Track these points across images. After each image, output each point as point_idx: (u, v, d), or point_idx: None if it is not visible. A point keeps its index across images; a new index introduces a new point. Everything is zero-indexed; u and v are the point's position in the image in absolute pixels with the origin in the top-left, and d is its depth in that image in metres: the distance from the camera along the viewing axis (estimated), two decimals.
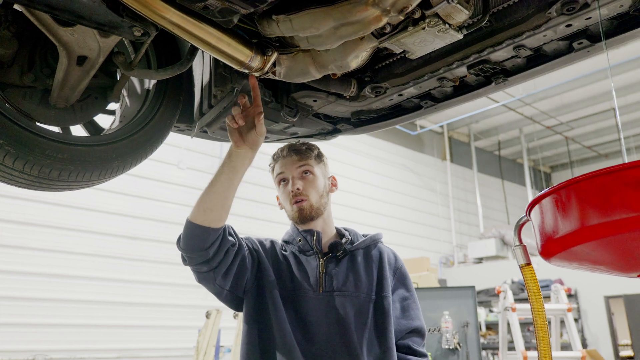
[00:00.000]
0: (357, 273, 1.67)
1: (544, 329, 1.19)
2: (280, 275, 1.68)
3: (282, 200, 1.80)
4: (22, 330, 6.52)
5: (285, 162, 1.78)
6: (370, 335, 1.58)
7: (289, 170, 1.77)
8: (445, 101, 1.90)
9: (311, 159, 1.79)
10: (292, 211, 1.75)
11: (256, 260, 1.69)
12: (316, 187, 1.76)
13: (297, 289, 1.63)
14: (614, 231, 0.96)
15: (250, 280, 1.66)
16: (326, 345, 1.56)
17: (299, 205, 1.73)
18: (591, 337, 9.62)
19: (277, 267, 1.70)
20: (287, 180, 1.76)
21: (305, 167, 1.77)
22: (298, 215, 1.73)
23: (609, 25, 1.45)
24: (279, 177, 1.80)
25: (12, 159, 1.42)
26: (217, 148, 9.04)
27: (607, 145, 15.11)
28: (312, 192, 1.75)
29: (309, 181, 1.76)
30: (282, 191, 1.79)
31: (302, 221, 1.75)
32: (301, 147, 1.80)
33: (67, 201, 7.08)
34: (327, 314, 1.59)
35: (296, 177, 1.75)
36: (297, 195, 1.73)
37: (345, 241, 1.76)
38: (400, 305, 1.71)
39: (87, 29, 1.40)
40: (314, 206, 1.74)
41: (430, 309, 4.95)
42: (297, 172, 1.76)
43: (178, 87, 1.87)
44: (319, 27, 1.36)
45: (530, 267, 1.24)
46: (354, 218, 9.97)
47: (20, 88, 1.59)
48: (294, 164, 1.77)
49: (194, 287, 8.07)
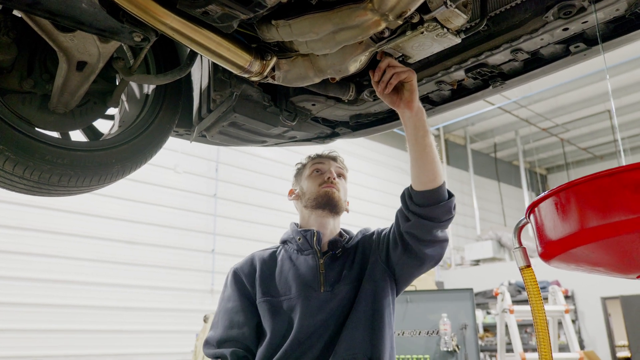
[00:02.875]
0: (351, 268, 1.69)
1: (544, 331, 1.20)
2: (276, 284, 1.69)
3: (310, 185, 1.82)
4: (20, 336, 6.49)
5: (327, 160, 1.87)
6: (365, 323, 1.58)
7: (328, 164, 1.85)
8: (443, 104, 1.91)
9: (346, 171, 1.91)
10: (319, 191, 1.78)
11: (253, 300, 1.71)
12: (344, 190, 1.86)
13: (298, 293, 1.63)
14: (613, 233, 0.97)
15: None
16: (329, 342, 1.56)
17: (331, 188, 1.78)
18: (588, 339, 9.63)
19: (269, 279, 1.71)
20: (324, 171, 1.83)
21: (342, 172, 1.88)
22: (325, 195, 1.77)
23: (605, 28, 1.46)
24: (316, 166, 1.85)
25: (12, 164, 1.43)
26: (214, 152, 9.04)
27: (603, 147, 15.17)
28: (342, 191, 1.83)
29: (342, 182, 1.86)
30: (314, 177, 1.83)
31: (325, 203, 1.76)
32: (342, 159, 1.92)
33: (64, 206, 7.06)
34: (329, 311, 1.59)
35: (334, 172, 1.83)
36: (332, 183, 1.79)
37: (344, 239, 1.79)
38: (383, 233, 1.75)
39: (87, 34, 1.40)
40: (340, 199, 1.80)
41: (429, 311, 4.95)
42: (335, 170, 1.85)
43: (177, 91, 1.88)
44: (318, 31, 1.37)
45: (530, 269, 1.25)
46: (352, 221, 9.89)
47: (19, 94, 1.60)
48: (334, 163, 1.87)
49: (191, 292, 8.11)
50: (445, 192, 1.56)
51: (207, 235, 8.59)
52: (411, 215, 1.56)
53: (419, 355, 4.69)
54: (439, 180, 1.54)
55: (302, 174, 1.88)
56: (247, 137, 2.05)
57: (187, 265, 8.22)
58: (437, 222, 1.55)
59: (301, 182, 1.87)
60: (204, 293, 8.32)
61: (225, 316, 1.68)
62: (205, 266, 8.45)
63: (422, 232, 1.57)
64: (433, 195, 1.53)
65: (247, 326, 1.64)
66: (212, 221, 8.69)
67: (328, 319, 1.59)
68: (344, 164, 1.91)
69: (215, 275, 8.44)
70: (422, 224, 1.55)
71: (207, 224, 8.63)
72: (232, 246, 8.78)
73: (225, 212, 8.92)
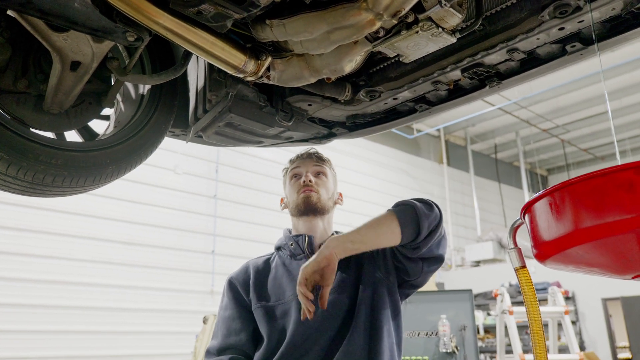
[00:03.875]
0: (346, 271, 1.65)
1: (539, 331, 1.19)
2: (271, 290, 1.68)
3: (290, 193, 1.79)
4: (18, 338, 6.48)
5: (303, 161, 1.81)
6: (364, 332, 1.56)
7: (304, 166, 1.79)
8: (439, 104, 1.91)
9: (327, 166, 1.83)
10: (297, 200, 1.74)
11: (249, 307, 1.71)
12: (327, 187, 1.78)
13: (292, 297, 1.62)
14: (607, 233, 0.96)
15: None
16: (326, 348, 1.55)
17: (307, 193, 1.73)
18: (589, 340, 9.61)
19: (263, 286, 1.70)
20: (300, 175, 1.78)
21: (320, 169, 1.80)
22: (303, 201, 1.72)
23: (601, 28, 1.46)
24: (293, 172, 1.80)
25: (5, 165, 1.42)
26: (214, 153, 9.04)
27: (604, 147, 15.15)
28: (322, 190, 1.76)
29: (322, 181, 1.78)
30: (293, 184, 1.78)
31: (305, 209, 1.72)
32: (320, 154, 1.85)
33: (62, 207, 7.05)
34: (323, 315, 1.56)
35: (310, 173, 1.77)
36: (308, 186, 1.74)
37: None
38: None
39: (81, 34, 1.39)
40: (321, 200, 1.74)
41: (428, 312, 4.94)
42: (312, 170, 1.79)
43: (172, 91, 1.87)
44: (312, 31, 1.36)
45: (525, 269, 1.24)
46: (351, 222, 9.89)
47: (13, 94, 1.59)
48: (311, 163, 1.80)
49: (191, 293, 8.10)
50: (417, 215, 1.51)
51: (207, 236, 8.58)
52: (414, 254, 1.57)
53: (417, 357, 4.67)
54: (400, 228, 1.50)
55: (285, 182, 1.85)
56: (244, 137, 2.05)
57: (187, 267, 8.21)
58: (435, 234, 1.54)
59: (285, 189, 1.84)
60: (203, 294, 8.31)
61: (223, 325, 1.70)
62: (205, 267, 8.44)
63: (431, 249, 1.57)
64: (416, 236, 1.51)
65: (244, 332, 1.65)
66: (212, 222, 8.68)
67: (322, 323, 1.56)
68: (323, 158, 1.84)
69: (215, 276, 8.43)
70: (428, 249, 1.56)
71: (207, 225, 8.62)
72: (232, 247, 8.77)
73: (225, 213, 8.91)
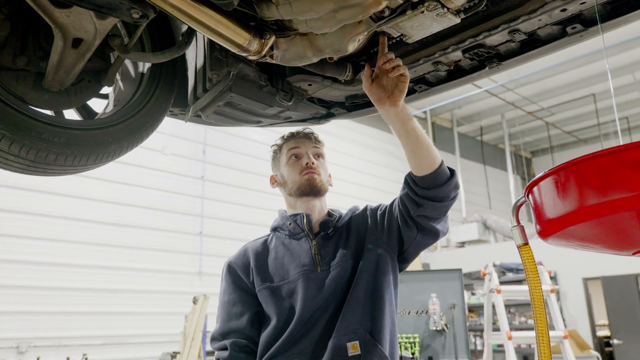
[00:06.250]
0: (346, 245, 1.71)
1: (540, 307, 1.23)
2: (273, 271, 1.71)
3: (289, 173, 1.81)
4: (5, 319, 6.45)
5: (302, 141, 1.84)
6: (365, 300, 1.62)
7: (304, 147, 1.83)
8: (439, 85, 1.92)
9: (323, 148, 1.89)
10: (300, 181, 1.77)
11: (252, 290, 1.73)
12: (325, 169, 1.85)
13: (296, 276, 1.66)
14: (611, 210, 0.99)
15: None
16: (331, 320, 1.60)
17: (311, 175, 1.77)
18: (570, 318, 9.85)
19: (264, 268, 1.73)
20: (301, 156, 1.81)
21: (319, 151, 1.86)
22: (308, 183, 1.76)
23: (602, 9, 1.48)
24: (292, 152, 1.82)
25: (8, 142, 1.41)
26: (202, 134, 8.97)
27: (587, 130, 15.34)
28: (322, 172, 1.82)
29: (321, 162, 1.84)
30: (293, 164, 1.81)
31: (310, 191, 1.77)
32: (316, 135, 1.89)
33: (50, 188, 6.98)
34: (329, 289, 1.62)
35: (312, 154, 1.82)
36: (312, 168, 1.78)
37: (334, 218, 1.81)
38: (379, 212, 1.77)
39: (84, 10, 1.38)
40: (323, 182, 1.80)
41: (418, 291, 5.03)
42: (312, 151, 1.83)
43: (173, 70, 1.86)
44: (318, 10, 1.36)
45: (527, 247, 1.27)
46: (339, 204, 9.91)
47: (13, 71, 1.57)
48: (310, 144, 1.84)
49: (180, 274, 8.11)
50: (447, 169, 1.58)
51: (195, 217, 8.57)
52: (422, 200, 1.58)
53: (408, 335, 4.77)
54: (439, 159, 1.56)
55: (280, 160, 1.87)
56: (243, 117, 2.04)
57: (175, 248, 8.20)
58: (448, 200, 1.59)
59: (280, 168, 1.86)
60: (192, 275, 8.32)
61: (223, 309, 1.73)
62: (193, 248, 8.44)
63: (436, 213, 1.60)
64: (438, 177, 1.56)
65: (245, 316, 1.69)
66: (199, 203, 8.66)
67: (328, 296, 1.61)
68: (319, 140, 1.89)
69: (203, 257, 8.44)
70: (435, 206, 1.58)
71: (194, 206, 8.60)
72: (219, 228, 8.78)
73: (213, 195, 8.89)
